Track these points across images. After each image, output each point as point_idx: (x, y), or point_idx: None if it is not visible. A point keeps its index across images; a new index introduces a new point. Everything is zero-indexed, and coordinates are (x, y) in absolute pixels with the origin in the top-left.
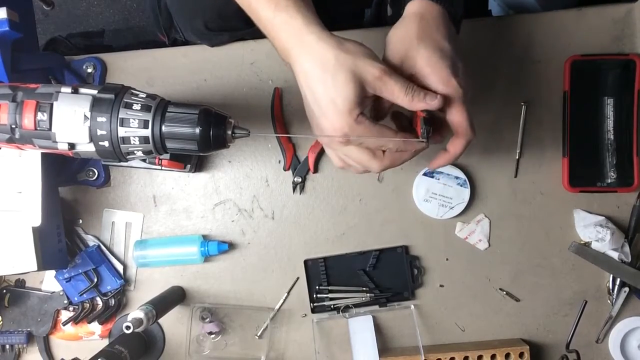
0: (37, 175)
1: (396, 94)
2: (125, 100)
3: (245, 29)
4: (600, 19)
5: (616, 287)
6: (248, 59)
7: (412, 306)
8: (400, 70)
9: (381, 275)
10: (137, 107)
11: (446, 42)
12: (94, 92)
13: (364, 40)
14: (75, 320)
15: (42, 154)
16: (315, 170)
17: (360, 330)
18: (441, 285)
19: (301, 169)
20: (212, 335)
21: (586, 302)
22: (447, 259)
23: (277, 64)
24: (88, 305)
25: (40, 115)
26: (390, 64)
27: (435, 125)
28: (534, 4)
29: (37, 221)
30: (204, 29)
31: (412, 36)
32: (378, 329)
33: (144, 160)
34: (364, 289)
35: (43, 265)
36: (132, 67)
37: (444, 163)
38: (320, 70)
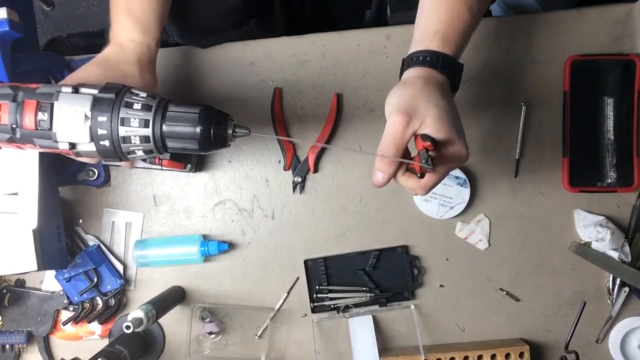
0: (34, 178)
1: None
2: (126, 99)
3: (231, 31)
4: (600, 19)
5: (616, 287)
6: (248, 59)
7: (412, 306)
8: (408, 124)
9: (381, 275)
10: (137, 106)
11: (450, 103)
12: (95, 91)
13: (363, 40)
14: (75, 320)
15: (41, 154)
16: (316, 170)
17: (360, 330)
18: (441, 285)
19: (301, 168)
20: (212, 335)
21: (585, 302)
22: (447, 259)
23: (277, 64)
24: (88, 305)
25: (40, 115)
26: (397, 118)
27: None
28: (534, 4)
29: (34, 224)
30: (191, 33)
31: (420, 96)
32: (378, 329)
33: (144, 160)
34: (364, 288)
35: (43, 265)
36: None
37: (414, 187)
38: None
